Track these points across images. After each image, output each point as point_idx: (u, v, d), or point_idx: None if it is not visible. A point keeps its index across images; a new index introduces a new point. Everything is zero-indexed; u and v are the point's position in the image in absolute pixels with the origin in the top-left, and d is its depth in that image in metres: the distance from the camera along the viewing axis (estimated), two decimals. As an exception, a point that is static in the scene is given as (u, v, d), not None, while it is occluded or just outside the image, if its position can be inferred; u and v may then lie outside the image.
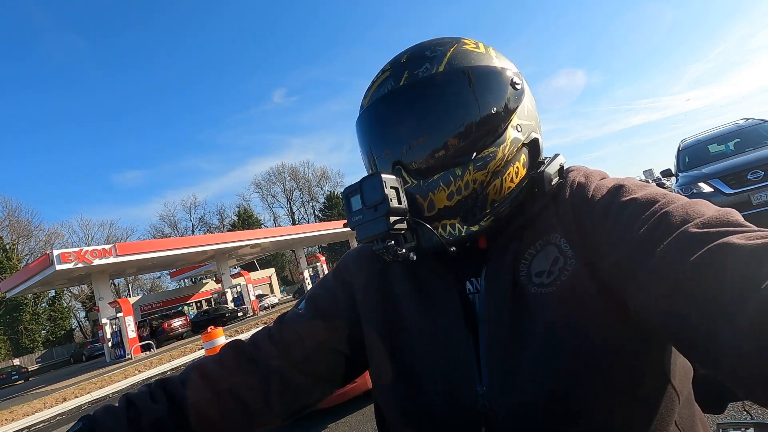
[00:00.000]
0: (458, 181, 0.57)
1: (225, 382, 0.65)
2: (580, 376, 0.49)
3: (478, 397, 0.53)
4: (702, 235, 0.43)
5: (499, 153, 0.59)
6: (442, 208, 0.58)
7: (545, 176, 0.60)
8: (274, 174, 61.15)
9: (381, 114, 0.63)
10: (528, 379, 0.51)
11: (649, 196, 0.52)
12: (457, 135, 0.58)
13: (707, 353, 0.39)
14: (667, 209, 0.48)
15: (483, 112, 0.59)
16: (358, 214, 0.56)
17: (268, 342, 0.68)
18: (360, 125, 0.67)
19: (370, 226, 0.55)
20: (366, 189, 0.55)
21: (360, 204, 0.56)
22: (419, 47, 0.64)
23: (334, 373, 0.68)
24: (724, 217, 0.45)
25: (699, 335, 0.39)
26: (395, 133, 0.61)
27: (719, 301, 0.38)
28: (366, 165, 0.68)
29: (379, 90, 0.63)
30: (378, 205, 0.54)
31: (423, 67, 0.60)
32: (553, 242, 0.57)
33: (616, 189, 0.55)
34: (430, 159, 0.59)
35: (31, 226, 44.66)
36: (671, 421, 0.52)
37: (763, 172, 5.22)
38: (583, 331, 0.50)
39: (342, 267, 0.74)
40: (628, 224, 0.50)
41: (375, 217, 0.55)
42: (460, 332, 0.57)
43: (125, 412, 0.60)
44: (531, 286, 0.55)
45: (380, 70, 0.65)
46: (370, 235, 0.55)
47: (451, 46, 0.62)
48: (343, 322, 0.68)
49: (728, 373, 0.37)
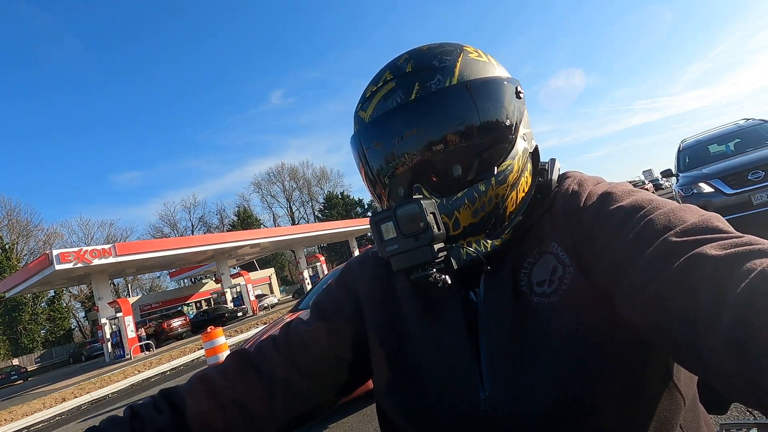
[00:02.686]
0: (482, 197, 0.57)
1: (229, 392, 0.64)
2: (585, 383, 0.49)
3: (481, 403, 0.54)
4: (680, 244, 0.43)
5: (515, 165, 0.60)
6: (468, 226, 0.57)
7: (552, 183, 0.62)
8: (274, 174, 61.37)
9: (394, 129, 0.58)
10: (532, 386, 0.51)
11: (635, 203, 0.52)
12: (477, 150, 0.58)
13: (693, 359, 0.39)
14: (651, 216, 0.48)
15: (499, 124, 0.58)
16: (392, 243, 0.54)
17: (273, 350, 0.68)
18: (364, 140, 0.62)
19: (412, 255, 0.53)
20: (403, 217, 0.53)
21: (394, 232, 0.54)
22: (421, 55, 0.61)
23: (339, 380, 0.68)
24: (703, 224, 0.45)
25: (682, 343, 0.40)
26: (412, 150, 0.58)
27: (696, 310, 0.38)
28: (370, 182, 0.64)
29: (386, 103, 0.59)
30: (420, 233, 0.52)
31: (435, 78, 0.57)
32: (550, 251, 0.57)
33: (605, 196, 0.55)
34: (452, 176, 0.58)
35: (30, 226, 44.77)
36: (676, 425, 0.52)
37: (763, 173, 5.22)
38: (587, 339, 0.50)
39: (346, 274, 0.74)
40: (616, 230, 0.50)
41: (416, 246, 0.53)
42: (462, 339, 0.57)
43: (130, 423, 0.60)
44: (533, 296, 0.55)
45: (379, 79, 0.61)
46: (412, 264, 0.53)
47: (457, 55, 0.60)
48: (348, 329, 0.67)
49: (714, 377, 0.37)
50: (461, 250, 0.57)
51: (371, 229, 0.57)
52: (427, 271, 0.53)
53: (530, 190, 0.62)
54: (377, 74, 0.63)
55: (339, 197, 59.88)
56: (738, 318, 0.34)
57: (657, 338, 0.43)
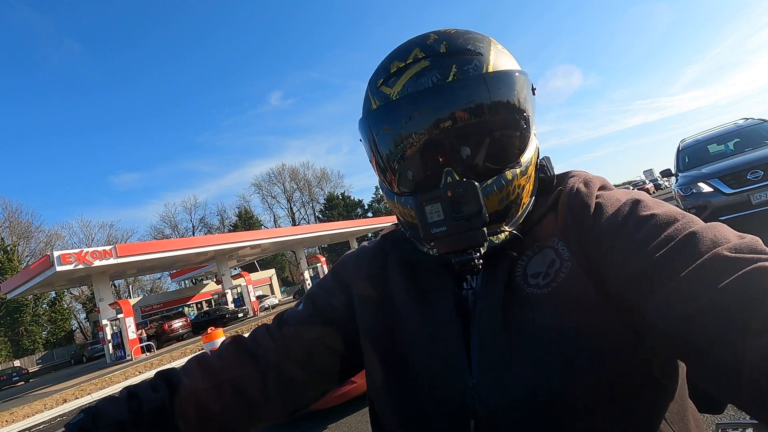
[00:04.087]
0: (509, 186, 0.57)
1: (225, 373, 0.65)
2: (571, 373, 0.50)
3: (467, 390, 0.54)
4: (736, 259, 0.43)
5: (533, 158, 0.61)
6: (492, 213, 0.57)
7: (553, 180, 0.64)
8: (275, 175, 61.34)
9: (428, 109, 0.55)
10: (519, 375, 0.52)
11: (670, 214, 0.52)
12: (506, 139, 0.59)
13: (729, 371, 0.39)
14: (693, 230, 0.48)
15: (525, 117, 0.60)
16: (440, 225, 0.53)
17: (267, 337, 0.69)
18: (389, 118, 0.58)
19: (464, 237, 0.52)
20: (454, 198, 0.53)
21: (442, 214, 0.53)
22: (453, 37, 0.58)
23: (331, 370, 0.69)
24: (753, 245, 0.45)
25: (719, 353, 0.39)
26: (445, 133, 0.56)
27: (753, 321, 0.38)
28: (389, 160, 0.61)
29: (419, 81, 0.56)
30: (472, 216, 0.52)
31: (472, 63, 0.56)
32: (551, 245, 0.58)
33: (635, 203, 0.55)
34: (480, 162, 0.57)
35: (31, 228, 44.79)
36: (661, 417, 0.53)
37: (762, 172, 5.22)
38: (575, 331, 0.51)
39: (340, 268, 0.75)
40: (647, 239, 0.50)
41: (467, 229, 0.52)
42: (451, 327, 0.58)
43: (126, 402, 0.61)
44: (526, 287, 0.56)
45: (407, 54, 0.58)
46: (462, 247, 0.52)
47: (489, 44, 0.60)
48: (340, 322, 0.69)
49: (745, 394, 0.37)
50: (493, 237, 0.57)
51: (415, 209, 0.55)
52: (472, 255, 0.53)
53: (535, 184, 0.64)
54: (401, 49, 0.60)
55: (340, 198, 59.82)
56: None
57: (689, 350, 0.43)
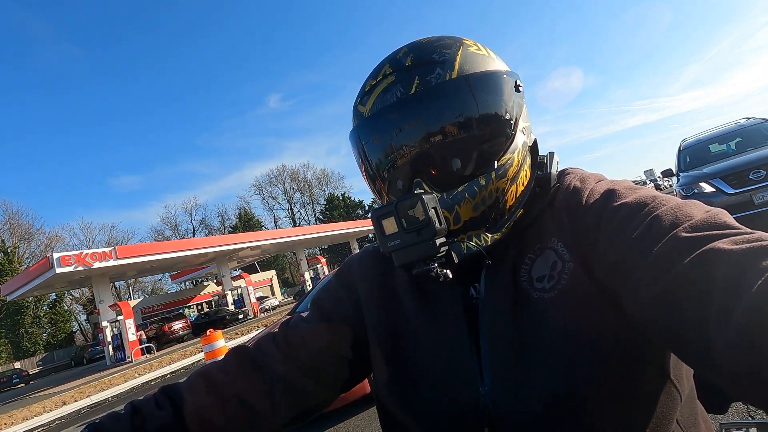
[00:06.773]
0: (483, 192, 0.57)
1: (230, 387, 0.64)
2: (583, 377, 0.49)
3: (481, 398, 0.54)
4: (691, 239, 0.43)
5: (515, 159, 0.60)
6: (468, 220, 0.57)
7: (551, 177, 0.62)
8: (275, 176, 61.44)
9: (393, 124, 0.58)
10: (531, 381, 0.51)
11: (639, 199, 0.52)
12: (478, 143, 0.57)
13: (700, 355, 0.39)
14: (658, 212, 0.48)
15: (499, 118, 0.58)
16: (394, 238, 0.54)
17: (272, 346, 0.68)
18: (363, 135, 0.62)
19: (414, 249, 0.53)
20: (404, 211, 0.53)
21: (396, 227, 0.54)
22: (421, 48, 0.60)
23: (339, 376, 0.68)
24: (712, 220, 0.44)
25: (691, 339, 0.39)
26: (412, 144, 0.57)
27: (709, 306, 0.38)
28: (370, 177, 0.64)
29: (386, 97, 0.58)
30: (422, 228, 0.52)
31: (435, 72, 0.57)
32: (551, 246, 0.57)
33: (608, 193, 0.55)
34: (452, 170, 0.57)
35: (31, 230, 44.80)
36: (673, 419, 0.52)
37: (764, 172, 5.21)
38: (586, 334, 0.50)
39: (345, 271, 0.74)
40: (620, 228, 0.50)
41: (418, 240, 0.52)
42: (461, 334, 0.57)
43: (130, 419, 0.60)
44: (533, 291, 0.55)
45: (378, 72, 0.61)
46: (414, 259, 0.53)
47: (457, 48, 0.59)
48: (347, 326, 0.67)
49: (722, 375, 0.37)
50: (462, 244, 0.56)
51: (372, 224, 0.56)
52: (429, 266, 0.53)
53: (530, 183, 0.62)
54: (376, 68, 0.62)
55: (340, 199, 59.91)
56: (753, 317, 0.34)
57: (664, 335, 0.43)
